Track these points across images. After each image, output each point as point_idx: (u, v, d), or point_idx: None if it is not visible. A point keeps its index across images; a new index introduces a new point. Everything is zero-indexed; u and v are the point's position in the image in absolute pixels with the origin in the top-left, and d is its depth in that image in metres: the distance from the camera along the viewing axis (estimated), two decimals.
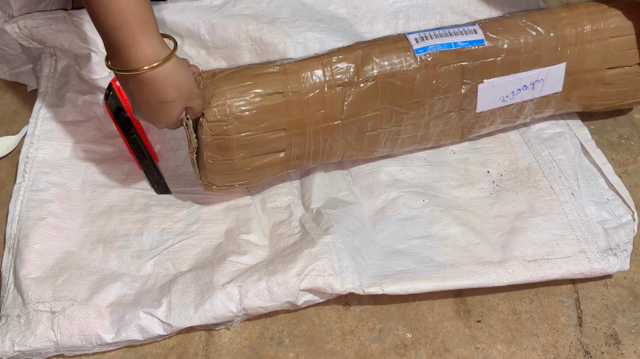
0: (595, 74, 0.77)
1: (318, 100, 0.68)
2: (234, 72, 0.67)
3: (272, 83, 0.66)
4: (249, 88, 0.66)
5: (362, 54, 0.69)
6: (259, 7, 0.82)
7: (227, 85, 0.65)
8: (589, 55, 0.76)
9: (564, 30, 0.75)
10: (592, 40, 0.76)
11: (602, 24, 0.75)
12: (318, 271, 0.65)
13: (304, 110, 0.68)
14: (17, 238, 0.71)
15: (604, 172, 0.78)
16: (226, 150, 0.66)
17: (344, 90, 0.69)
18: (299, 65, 0.68)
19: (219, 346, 0.67)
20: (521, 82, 0.75)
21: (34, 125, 0.81)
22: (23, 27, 0.80)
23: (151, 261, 0.70)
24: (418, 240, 0.72)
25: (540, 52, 0.74)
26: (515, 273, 0.68)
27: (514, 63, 0.74)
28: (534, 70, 0.75)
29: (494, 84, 0.74)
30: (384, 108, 0.71)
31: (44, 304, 0.65)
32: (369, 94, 0.70)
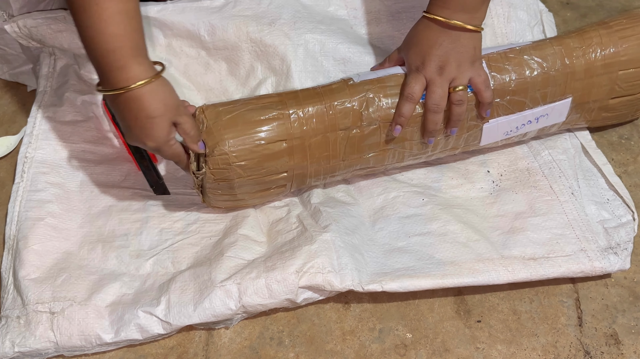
0: (599, 103, 0.77)
1: (321, 144, 0.68)
2: (237, 116, 0.66)
3: (276, 131, 0.66)
4: (252, 137, 0.66)
5: (366, 98, 0.69)
6: (259, 8, 0.82)
7: (230, 133, 0.65)
8: (595, 88, 0.76)
9: (574, 65, 0.74)
10: (601, 74, 0.75)
11: (613, 57, 0.74)
12: (317, 268, 0.65)
13: (306, 153, 0.68)
14: (16, 239, 0.71)
15: (604, 172, 0.78)
16: (228, 189, 0.68)
17: (347, 133, 0.69)
18: (303, 109, 0.68)
19: (219, 346, 0.67)
20: (526, 118, 0.75)
21: (32, 125, 0.81)
22: (22, 26, 0.80)
23: (150, 261, 0.70)
24: (417, 237, 0.72)
25: (547, 89, 0.74)
26: (516, 271, 0.67)
27: (520, 102, 0.73)
28: (540, 107, 0.75)
29: (499, 122, 0.74)
30: (387, 149, 0.72)
31: (43, 305, 0.65)
32: (371, 136, 0.70)
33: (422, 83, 0.69)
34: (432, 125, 0.70)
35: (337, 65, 0.80)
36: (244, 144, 0.65)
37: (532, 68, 0.72)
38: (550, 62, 0.73)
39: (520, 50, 0.73)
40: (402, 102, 0.69)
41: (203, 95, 0.83)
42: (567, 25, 0.99)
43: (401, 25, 0.85)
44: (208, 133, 0.65)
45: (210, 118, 0.66)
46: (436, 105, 0.68)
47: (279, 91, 0.78)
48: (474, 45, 0.69)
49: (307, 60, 0.79)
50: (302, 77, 0.78)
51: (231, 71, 0.82)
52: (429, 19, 0.69)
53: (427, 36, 0.69)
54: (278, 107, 0.67)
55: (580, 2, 1.03)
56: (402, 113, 0.69)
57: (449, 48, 0.68)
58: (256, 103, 0.68)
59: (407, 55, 0.71)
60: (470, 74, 0.69)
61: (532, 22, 0.88)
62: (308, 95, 0.69)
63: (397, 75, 0.71)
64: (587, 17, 1.01)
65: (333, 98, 0.68)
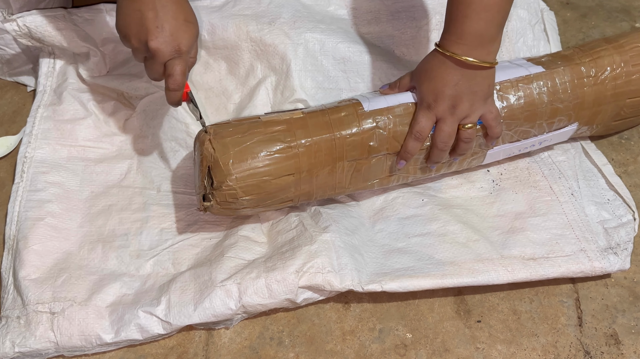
0: (602, 125, 0.78)
1: (328, 174, 0.68)
2: (245, 150, 0.64)
3: (284, 165, 0.65)
4: (260, 173, 0.65)
5: (375, 131, 0.68)
6: (259, 7, 0.82)
7: (238, 168, 0.64)
8: (602, 114, 0.76)
9: (584, 95, 0.73)
10: (610, 102, 0.75)
11: (624, 87, 0.74)
12: (317, 268, 0.65)
13: (312, 184, 0.68)
14: (16, 239, 0.71)
15: (604, 173, 0.78)
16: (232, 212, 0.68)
17: (354, 163, 0.69)
18: (312, 141, 0.66)
19: (219, 346, 0.67)
20: (530, 143, 0.75)
21: (31, 125, 0.81)
22: (22, 25, 0.80)
23: (150, 261, 0.70)
24: (417, 238, 0.72)
25: (554, 119, 0.73)
26: (515, 271, 0.68)
27: (527, 132, 0.73)
28: (545, 134, 0.75)
29: (503, 148, 0.75)
30: (391, 176, 0.72)
31: (43, 305, 0.65)
32: (377, 165, 0.70)
33: (432, 122, 0.67)
34: (437, 158, 0.70)
35: (337, 64, 0.80)
36: (252, 180, 0.65)
37: (542, 100, 0.72)
38: (560, 93, 0.72)
39: (531, 78, 0.72)
40: (409, 139, 0.68)
41: (203, 95, 0.83)
42: (567, 25, 0.99)
43: (401, 24, 0.85)
44: (216, 166, 0.64)
45: (218, 150, 0.64)
46: (444, 143, 0.68)
47: (278, 91, 0.78)
48: (488, 83, 0.67)
49: (307, 59, 0.79)
50: (301, 76, 0.78)
51: (231, 70, 0.81)
52: (444, 55, 0.65)
53: (441, 73, 0.66)
54: (287, 139, 0.66)
55: (580, 2, 1.03)
56: (408, 150, 0.68)
57: (463, 87, 0.65)
58: (264, 132, 0.66)
59: (419, 88, 0.69)
60: (482, 111, 0.68)
61: (532, 20, 0.88)
62: (317, 124, 0.67)
63: (407, 104, 0.69)
64: (587, 17, 1.01)
65: (342, 128, 0.67)
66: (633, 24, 0.99)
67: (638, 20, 1.00)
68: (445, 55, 0.65)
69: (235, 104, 0.81)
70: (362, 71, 0.81)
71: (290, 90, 0.78)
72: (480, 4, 0.63)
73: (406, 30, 0.85)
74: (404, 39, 0.85)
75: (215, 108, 0.82)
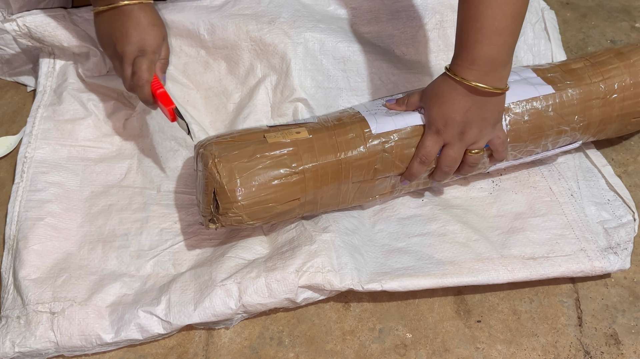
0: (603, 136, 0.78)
1: (333, 195, 0.68)
2: (251, 176, 0.64)
3: (290, 191, 0.65)
4: (267, 200, 0.64)
5: (382, 155, 0.67)
6: (258, 7, 0.82)
7: (245, 195, 0.63)
8: (606, 131, 0.76)
9: (591, 117, 0.73)
10: (615, 122, 0.75)
11: (631, 107, 0.74)
12: (317, 267, 0.65)
13: (317, 204, 0.68)
14: (16, 239, 0.71)
15: (603, 174, 0.78)
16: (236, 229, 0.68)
17: (358, 184, 0.69)
18: (319, 165, 0.66)
19: (219, 346, 0.67)
20: (532, 158, 0.76)
21: (31, 125, 0.81)
22: (22, 25, 0.80)
23: (151, 262, 0.70)
24: (417, 238, 0.72)
25: (560, 139, 0.73)
26: (515, 271, 0.68)
27: (531, 151, 0.74)
28: (548, 152, 0.75)
29: (505, 164, 0.75)
30: (394, 191, 0.72)
31: (43, 305, 0.65)
32: (382, 184, 0.70)
33: (439, 147, 0.67)
34: (441, 179, 0.70)
35: (337, 64, 0.80)
36: (258, 206, 0.64)
37: (549, 125, 0.72)
38: (568, 116, 0.72)
39: (540, 100, 0.71)
40: (415, 162, 0.68)
41: (202, 94, 0.82)
42: (567, 25, 0.99)
43: (401, 24, 0.85)
44: (221, 192, 0.63)
45: (224, 177, 0.63)
46: (449, 168, 0.68)
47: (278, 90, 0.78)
48: (499, 109, 0.66)
49: (306, 59, 0.79)
50: (301, 75, 0.78)
51: (231, 70, 0.81)
52: (454, 80, 0.64)
53: (452, 99, 0.65)
54: (292, 165, 0.65)
55: (580, 2, 1.03)
56: (413, 173, 0.68)
57: (474, 114, 0.65)
58: (270, 157, 0.65)
59: (429, 111, 0.67)
60: (490, 137, 0.67)
61: (533, 19, 0.88)
62: (324, 147, 0.66)
63: (415, 127, 0.68)
64: (587, 17, 1.01)
65: (349, 151, 0.67)
66: (633, 24, 0.99)
67: (638, 20, 1.00)
68: (456, 81, 0.64)
69: (235, 104, 0.81)
70: (362, 70, 0.81)
71: (290, 89, 0.78)
72: (492, 28, 0.61)
73: (406, 30, 0.85)
74: (404, 38, 0.85)
75: (215, 108, 0.82)
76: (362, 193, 0.70)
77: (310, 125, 0.69)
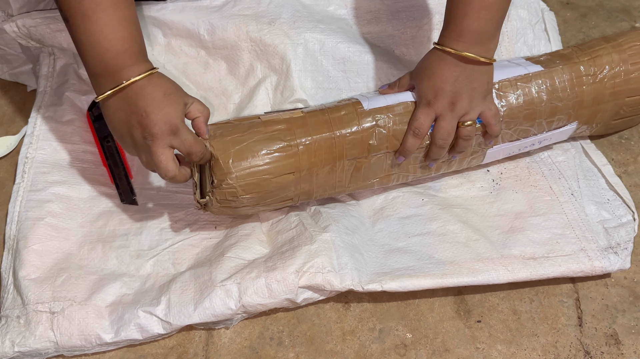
0: (601, 125, 0.78)
1: (328, 173, 0.68)
2: (245, 149, 0.65)
3: (284, 164, 0.65)
4: (260, 172, 0.65)
5: (375, 129, 0.68)
6: (258, 7, 0.82)
7: (238, 166, 0.64)
8: (601, 113, 0.76)
9: (583, 94, 0.73)
10: (609, 101, 0.75)
11: (623, 85, 0.74)
12: (317, 268, 0.65)
13: (312, 182, 0.68)
14: (17, 239, 0.71)
15: (603, 173, 0.78)
16: (233, 211, 0.68)
17: (354, 162, 0.69)
18: (312, 140, 0.66)
19: (219, 346, 0.67)
20: (529, 142, 0.75)
21: (33, 125, 0.81)
22: (22, 26, 0.80)
23: (150, 261, 0.70)
24: (417, 238, 0.72)
25: (554, 118, 0.73)
26: (515, 271, 0.67)
27: (526, 130, 0.73)
28: (545, 133, 0.75)
29: (503, 148, 0.75)
30: (391, 174, 0.72)
31: (43, 305, 0.65)
32: (377, 163, 0.70)
33: (431, 119, 0.68)
34: (436, 155, 0.70)
35: (337, 64, 0.80)
36: (252, 178, 0.65)
37: (541, 99, 0.72)
38: (559, 91, 0.72)
39: (530, 77, 0.72)
40: (408, 136, 0.68)
41: (202, 95, 0.83)
42: (567, 25, 0.99)
43: (401, 24, 0.85)
44: (216, 165, 0.64)
45: (218, 150, 0.64)
46: (443, 141, 0.68)
47: (278, 90, 0.78)
48: (487, 79, 0.67)
49: (306, 59, 0.79)
50: (301, 76, 0.78)
51: (231, 70, 0.81)
52: (443, 52, 0.66)
53: (440, 70, 0.66)
54: (286, 137, 0.66)
55: (580, 2, 1.03)
56: (407, 147, 0.68)
57: (462, 83, 0.66)
58: (264, 131, 0.66)
59: (419, 86, 0.69)
60: (482, 109, 0.68)
61: (533, 20, 0.88)
62: (317, 123, 0.67)
63: (407, 103, 0.70)
64: (587, 17, 1.01)
65: (342, 127, 0.67)
66: (633, 24, 0.99)
67: (638, 20, 1.00)
68: (445, 52, 0.66)
69: (235, 104, 0.81)
70: (362, 71, 0.81)
71: (290, 90, 0.78)
72: (480, 2, 0.64)
73: (406, 30, 0.85)
74: (404, 38, 0.85)
75: (215, 108, 0.82)
76: (359, 175, 0.70)
77: (304, 109, 0.71)
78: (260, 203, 0.67)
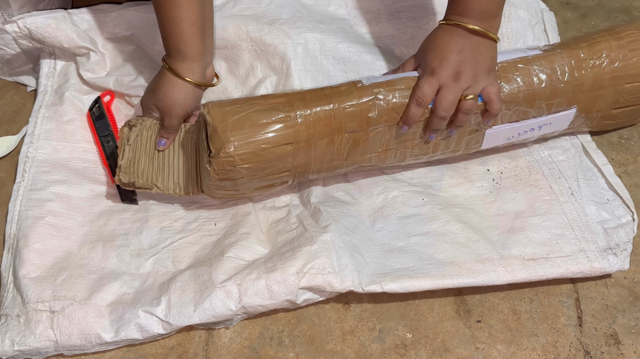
0: (602, 113, 0.78)
1: (326, 145, 0.68)
2: (244, 118, 0.65)
3: (282, 134, 0.66)
4: (259, 141, 0.65)
5: (374, 101, 0.68)
6: (259, 7, 0.82)
7: (237, 135, 0.64)
8: (601, 99, 0.76)
9: (582, 77, 0.73)
10: (608, 87, 0.75)
11: (622, 70, 0.74)
12: (317, 269, 0.65)
13: (310, 154, 0.68)
14: (17, 238, 0.71)
15: (604, 173, 0.78)
16: (231, 185, 0.68)
17: (352, 135, 0.69)
18: (310, 111, 0.67)
19: (219, 346, 0.67)
20: (529, 126, 0.75)
21: (33, 125, 0.81)
22: (22, 26, 0.80)
23: (150, 260, 0.70)
24: (417, 237, 0.72)
25: (553, 101, 0.73)
26: (515, 272, 0.68)
27: (525, 112, 0.73)
28: (544, 117, 0.75)
29: (502, 129, 0.74)
30: (389, 149, 0.72)
31: (43, 304, 0.65)
32: (376, 138, 0.70)
33: (434, 88, 0.68)
34: (436, 126, 0.70)
35: (337, 64, 0.80)
36: (250, 147, 0.65)
37: (540, 80, 0.72)
38: (559, 74, 0.73)
39: (530, 60, 0.73)
40: (411, 104, 0.68)
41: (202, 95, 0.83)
42: (567, 25, 0.99)
43: (401, 24, 0.86)
44: (214, 133, 0.65)
45: (217, 119, 0.65)
46: (444, 112, 0.68)
47: (278, 90, 0.78)
48: (491, 55, 0.68)
49: (306, 59, 0.79)
50: (301, 76, 0.78)
51: (231, 70, 0.82)
52: (448, 25, 0.68)
53: (447, 41, 0.68)
54: (285, 109, 0.66)
55: (580, 2, 1.03)
56: (410, 116, 0.68)
57: (468, 55, 0.67)
58: (263, 104, 0.67)
59: (424, 58, 0.70)
60: (485, 84, 0.68)
61: (532, 20, 0.88)
62: (315, 97, 0.68)
63: (408, 78, 0.70)
64: (587, 17, 1.01)
65: (341, 100, 0.67)
66: None
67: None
68: (451, 24, 0.68)
69: None
70: (362, 71, 0.81)
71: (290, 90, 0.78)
72: None
73: (406, 30, 0.85)
74: (404, 39, 0.85)
75: None
76: (357, 149, 0.70)
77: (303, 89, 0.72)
78: (257, 175, 0.67)
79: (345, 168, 0.73)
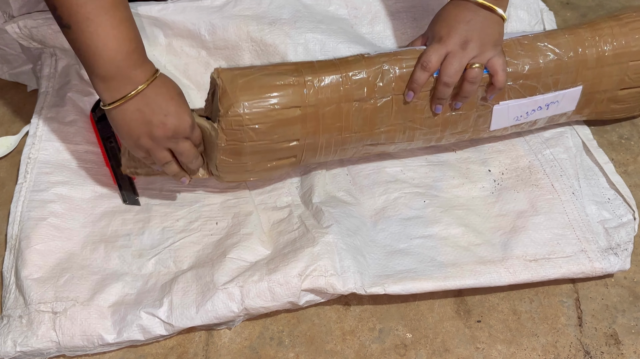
0: (609, 94, 0.78)
1: (334, 114, 0.68)
2: (252, 80, 0.66)
3: (290, 97, 0.66)
4: (267, 101, 0.66)
5: (381, 70, 0.69)
6: (259, 8, 0.82)
7: (246, 95, 0.65)
8: (606, 78, 0.76)
9: (585, 54, 0.74)
10: (612, 64, 0.75)
11: (624, 47, 0.75)
12: (320, 271, 0.65)
13: (319, 122, 0.68)
14: (19, 239, 0.71)
15: (605, 171, 0.78)
16: (239, 154, 0.68)
17: (360, 104, 0.69)
18: (319, 78, 0.68)
19: (219, 346, 0.67)
20: (537, 103, 0.75)
21: (35, 126, 0.81)
22: (23, 27, 0.80)
23: (152, 260, 0.70)
24: (419, 240, 0.72)
25: (559, 76, 0.74)
26: (517, 273, 0.68)
27: (532, 87, 0.74)
28: (551, 93, 0.75)
29: (510, 106, 0.74)
30: (397, 124, 0.72)
31: (45, 305, 0.65)
32: (384, 110, 0.70)
33: (440, 55, 0.69)
34: (442, 94, 0.70)
35: None
36: (258, 107, 0.65)
37: (545, 55, 0.73)
38: (563, 49, 0.74)
39: (533, 38, 0.74)
40: (417, 69, 0.69)
41: (203, 95, 0.83)
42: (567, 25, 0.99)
43: (401, 24, 0.86)
44: (223, 94, 0.65)
45: (226, 80, 0.66)
46: (449, 77, 0.69)
47: None
48: (499, 30, 0.70)
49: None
50: None
51: None
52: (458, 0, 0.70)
53: (455, 13, 0.70)
54: (294, 74, 0.67)
55: (580, 2, 1.03)
56: (415, 80, 0.69)
57: (476, 26, 0.68)
58: (272, 69, 0.68)
59: (432, 29, 0.72)
60: (491, 55, 0.69)
61: (532, 21, 0.88)
62: (324, 65, 0.69)
63: (415, 50, 0.71)
64: (587, 17, 1.01)
65: (349, 69, 0.69)
66: None
67: None
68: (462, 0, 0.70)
69: None
70: None
71: None
72: None
73: (406, 30, 0.85)
74: (404, 39, 0.85)
75: None
76: (365, 119, 0.70)
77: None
78: (265, 140, 0.67)
79: (354, 146, 0.72)
